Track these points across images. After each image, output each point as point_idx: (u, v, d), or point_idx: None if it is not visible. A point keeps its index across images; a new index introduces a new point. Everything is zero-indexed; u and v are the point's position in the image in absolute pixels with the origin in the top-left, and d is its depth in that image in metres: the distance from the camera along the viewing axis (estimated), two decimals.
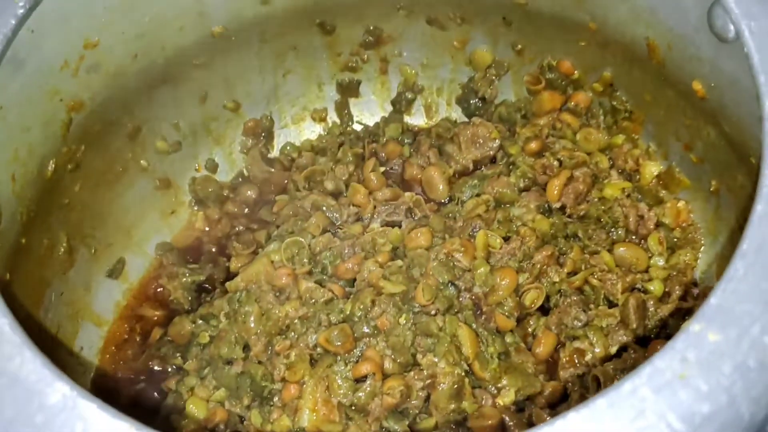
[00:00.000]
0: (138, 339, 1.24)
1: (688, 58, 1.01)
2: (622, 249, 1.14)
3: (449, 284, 1.08)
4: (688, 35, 0.99)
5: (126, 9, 1.08)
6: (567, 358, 1.07)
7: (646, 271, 1.14)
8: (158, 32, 1.15)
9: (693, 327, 0.63)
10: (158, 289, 1.29)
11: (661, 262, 1.15)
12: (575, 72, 1.27)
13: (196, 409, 1.07)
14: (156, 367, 1.18)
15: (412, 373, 1.03)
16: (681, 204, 1.19)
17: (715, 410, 0.60)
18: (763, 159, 0.72)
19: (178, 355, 1.17)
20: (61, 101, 1.07)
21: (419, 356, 1.04)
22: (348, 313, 1.07)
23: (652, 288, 1.11)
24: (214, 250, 1.34)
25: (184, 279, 1.25)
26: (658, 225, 1.18)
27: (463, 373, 1.02)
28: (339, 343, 1.03)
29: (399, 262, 1.11)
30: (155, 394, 1.15)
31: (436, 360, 1.02)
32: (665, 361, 0.61)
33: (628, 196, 1.19)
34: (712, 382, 0.60)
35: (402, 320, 1.05)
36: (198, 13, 1.18)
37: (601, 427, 0.59)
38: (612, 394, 0.60)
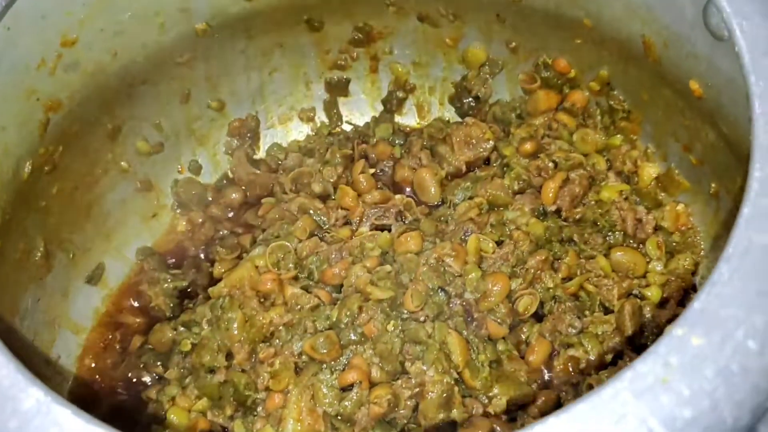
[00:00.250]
0: (117, 347, 1.25)
1: (685, 55, 1.03)
2: (619, 253, 1.15)
3: (439, 290, 1.09)
4: (684, 33, 1.01)
5: (105, 5, 1.09)
6: (561, 366, 1.09)
7: (644, 276, 1.15)
8: (138, 29, 1.17)
9: (676, 331, 0.64)
10: (139, 296, 1.29)
11: (659, 267, 1.16)
12: (571, 70, 1.28)
13: (177, 419, 1.09)
14: (136, 376, 1.20)
15: (400, 381, 1.04)
16: (680, 207, 1.20)
17: (697, 415, 0.62)
18: (750, 161, 0.74)
19: (158, 363, 1.18)
20: (38, 101, 1.08)
21: (408, 364, 1.05)
22: (334, 319, 1.08)
23: (649, 294, 1.12)
24: (197, 254, 1.35)
25: (166, 285, 1.26)
26: (657, 229, 1.19)
27: (452, 382, 1.03)
28: (325, 351, 1.04)
29: (388, 267, 1.12)
30: (135, 403, 1.17)
31: (424, 368, 1.03)
32: (647, 366, 0.63)
33: (626, 198, 1.20)
34: (695, 387, 0.62)
35: (390, 327, 1.06)
36: (180, 9, 1.19)
37: None
38: (593, 399, 0.62)
